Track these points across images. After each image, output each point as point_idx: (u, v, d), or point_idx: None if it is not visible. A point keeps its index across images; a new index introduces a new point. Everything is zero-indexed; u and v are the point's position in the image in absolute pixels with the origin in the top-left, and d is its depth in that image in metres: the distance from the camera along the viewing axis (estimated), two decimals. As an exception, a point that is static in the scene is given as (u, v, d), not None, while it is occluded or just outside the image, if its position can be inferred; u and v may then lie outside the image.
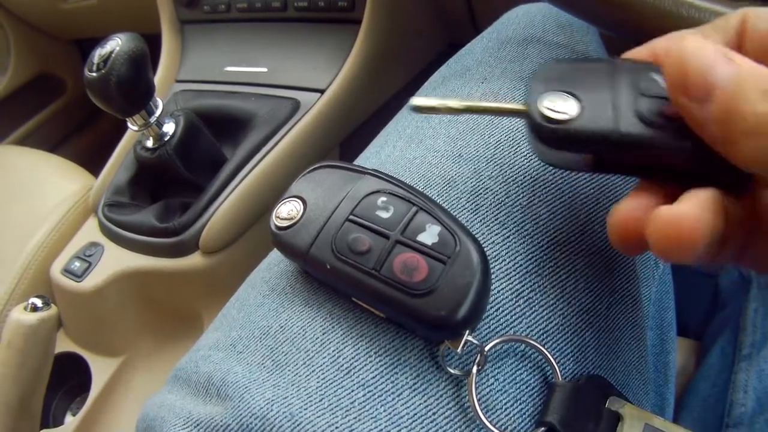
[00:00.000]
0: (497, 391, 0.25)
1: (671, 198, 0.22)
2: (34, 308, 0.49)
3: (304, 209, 0.27)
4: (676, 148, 0.23)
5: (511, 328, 0.27)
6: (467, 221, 0.29)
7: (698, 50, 0.21)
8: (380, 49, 0.75)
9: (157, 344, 0.75)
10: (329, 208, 0.26)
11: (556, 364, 0.26)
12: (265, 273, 0.32)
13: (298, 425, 0.24)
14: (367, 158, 0.36)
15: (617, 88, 0.24)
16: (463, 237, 0.24)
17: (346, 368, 0.25)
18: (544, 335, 0.27)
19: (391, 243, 0.24)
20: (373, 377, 0.25)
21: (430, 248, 0.24)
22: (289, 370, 0.26)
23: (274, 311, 0.29)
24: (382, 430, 0.24)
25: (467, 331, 0.24)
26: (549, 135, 0.24)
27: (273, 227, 0.28)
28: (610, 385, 0.27)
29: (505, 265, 0.28)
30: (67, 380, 0.76)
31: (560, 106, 0.24)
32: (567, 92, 0.25)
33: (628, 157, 0.24)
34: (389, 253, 0.24)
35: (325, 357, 0.26)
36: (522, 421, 0.25)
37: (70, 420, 0.72)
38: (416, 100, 0.27)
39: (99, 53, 0.58)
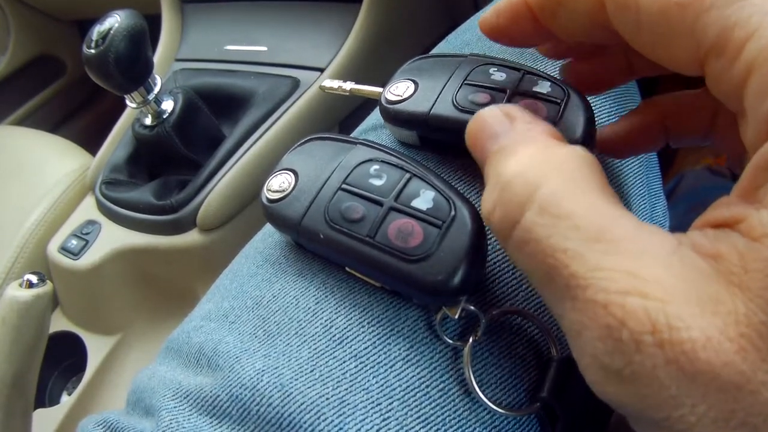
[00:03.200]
0: (492, 365, 0.25)
1: None
2: (30, 285, 0.49)
3: (296, 181, 0.27)
4: None
5: (507, 301, 0.26)
6: (465, 191, 0.28)
7: (480, 122, 0.22)
8: (381, 28, 0.74)
9: (154, 322, 0.75)
10: (321, 178, 0.26)
11: (554, 338, 0.25)
12: (259, 244, 0.31)
13: (288, 396, 0.23)
14: (361, 132, 0.35)
15: (452, 78, 0.28)
16: (458, 202, 0.23)
17: (338, 338, 0.25)
18: (541, 308, 0.26)
19: (385, 209, 0.24)
20: (366, 348, 0.24)
21: (424, 213, 0.23)
22: (280, 340, 0.25)
23: (267, 281, 0.28)
24: (374, 401, 0.23)
25: (464, 297, 0.23)
26: (386, 112, 0.29)
27: (264, 200, 0.27)
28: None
29: None
30: (64, 359, 0.76)
31: (400, 90, 0.29)
32: (411, 80, 0.29)
33: (442, 136, 0.28)
34: (383, 219, 0.23)
35: (317, 327, 0.25)
36: (517, 396, 0.25)
37: (66, 399, 0.72)
38: (325, 82, 0.35)
39: (98, 30, 0.57)
